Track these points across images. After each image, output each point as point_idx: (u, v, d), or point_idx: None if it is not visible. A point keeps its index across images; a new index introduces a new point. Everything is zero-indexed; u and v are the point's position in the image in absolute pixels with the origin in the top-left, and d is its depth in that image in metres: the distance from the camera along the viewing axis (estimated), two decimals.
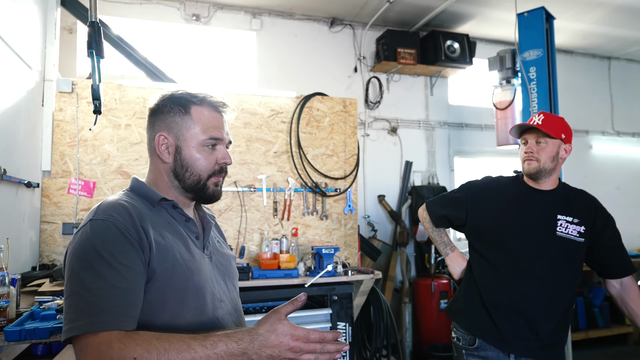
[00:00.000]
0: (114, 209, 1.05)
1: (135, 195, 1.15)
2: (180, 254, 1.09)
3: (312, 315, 3.15)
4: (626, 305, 1.90)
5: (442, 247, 2.18)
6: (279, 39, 4.65)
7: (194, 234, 1.19)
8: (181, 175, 1.16)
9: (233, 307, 1.20)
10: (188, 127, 1.16)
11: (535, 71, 3.68)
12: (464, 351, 1.95)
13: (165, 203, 1.16)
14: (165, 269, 1.04)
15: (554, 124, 1.86)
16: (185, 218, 1.18)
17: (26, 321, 1.76)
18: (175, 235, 1.12)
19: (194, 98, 1.19)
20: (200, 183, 1.16)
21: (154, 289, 1.02)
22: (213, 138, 1.16)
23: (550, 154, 1.86)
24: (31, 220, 2.89)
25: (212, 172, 1.17)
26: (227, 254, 1.32)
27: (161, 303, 1.03)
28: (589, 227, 1.86)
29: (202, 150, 1.16)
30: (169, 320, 1.03)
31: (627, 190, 5.98)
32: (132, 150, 3.28)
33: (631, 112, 6.19)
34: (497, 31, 5.19)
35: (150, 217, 1.09)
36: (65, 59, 3.79)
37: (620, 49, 5.88)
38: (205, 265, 1.16)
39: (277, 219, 3.58)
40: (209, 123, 1.17)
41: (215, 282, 1.17)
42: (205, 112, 1.17)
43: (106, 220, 1.02)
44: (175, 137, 1.17)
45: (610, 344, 5.00)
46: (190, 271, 1.08)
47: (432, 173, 5.14)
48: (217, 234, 1.37)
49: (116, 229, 1.00)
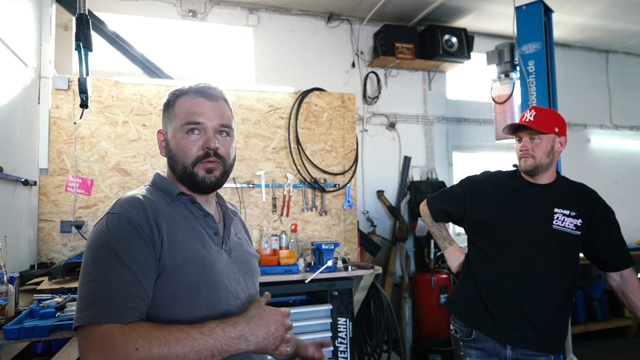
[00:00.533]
0: (129, 203, 1.07)
1: (155, 190, 1.17)
2: (194, 250, 1.09)
3: (313, 311, 3.14)
4: (627, 297, 1.90)
5: (441, 241, 2.22)
6: (276, 35, 4.63)
7: (212, 229, 1.18)
8: (173, 166, 1.17)
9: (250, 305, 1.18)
10: (172, 118, 1.18)
11: (533, 65, 3.67)
12: (461, 343, 1.98)
13: (184, 198, 1.17)
14: (176, 263, 1.04)
15: (546, 119, 1.87)
16: (204, 213, 1.18)
17: (25, 319, 1.75)
18: (190, 230, 1.12)
19: (182, 89, 1.20)
20: (187, 171, 1.15)
21: (164, 284, 1.03)
22: (190, 123, 1.14)
23: (545, 150, 1.87)
24: (29, 219, 2.87)
25: (196, 158, 1.14)
26: (248, 251, 1.30)
27: (172, 298, 1.04)
28: (586, 220, 1.87)
29: (184, 138, 1.15)
30: (179, 315, 1.03)
31: (626, 183, 5.99)
32: (129, 147, 3.26)
33: (629, 105, 6.19)
34: (495, 25, 5.17)
35: (166, 212, 1.10)
36: (61, 56, 3.76)
37: (618, 42, 5.88)
38: (222, 261, 1.15)
39: (277, 215, 3.57)
40: (189, 109, 1.15)
41: (233, 278, 1.16)
42: (188, 100, 1.17)
43: (121, 214, 1.04)
44: (166, 131, 1.20)
45: (609, 337, 5.02)
46: (203, 267, 1.08)
47: (430, 168, 5.14)
48: (241, 230, 1.36)
49: (129, 224, 1.02)
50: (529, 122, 1.87)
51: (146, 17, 4.23)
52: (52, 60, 3.14)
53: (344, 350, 3.14)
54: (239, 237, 1.31)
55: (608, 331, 5.04)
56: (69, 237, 3.08)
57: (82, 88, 2.16)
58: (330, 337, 3.12)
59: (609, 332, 5.05)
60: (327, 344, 1.32)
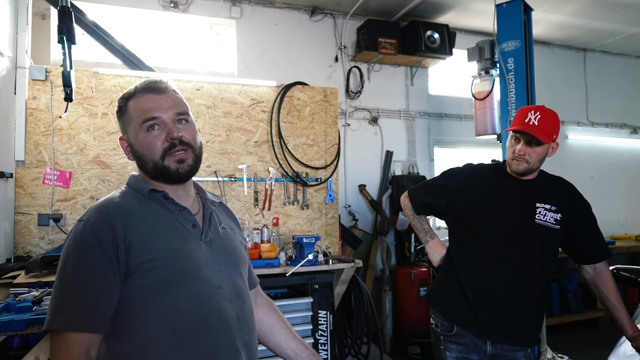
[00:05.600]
0: (97, 209, 1.11)
1: (130, 190, 1.20)
2: (168, 245, 1.11)
3: (294, 304, 3.17)
4: (599, 289, 1.95)
5: (423, 234, 2.18)
6: (259, 28, 4.60)
7: (189, 222, 1.19)
8: (144, 166, 1.19)
9: (235, 294, 1.19)
10: (129, 122, 1.20)
11: (513, 62, 3.73)
12: (441, 337, 1.97)
13: (157, 194, 1.18)
14: (148, 260, 1.07)
15: (549, 125, 1.82)
16: (179, 208, 1.19)
17: (1, 313, 1.73)
18: (164, 226, 1.14)
19: (129, 92, 1.21)
20: (158, 166, 1.16)
21: (137, 280, 1.06)
22: (146, 119, 1.16)
23: (540, 156, 1.86)
24: (5, 212, 2.82)
25: (163, 151, 1.15)
26: (234, 239, 1.31)
27: (151, 295, 1.07)
28: (565, 214, 1.89)
29: (145, 135, 1.16)
30: (165, 311, 1.07)
31: (601, 179, 6.14)
32: (109, 139, 3.22)
33: (605, 102, 6.34)
34: (476, 22, 5.23)
35: (138, 212, 1.13)
36: (39, 46, 3.68)
37: (596, 41, 6.00)
38: (200, 253, 1.16)
39: (258, 209, 3.57)
40: (142, 107, 1.17)
41: (214, 268, 1.17)
42: (138, 100, 1.19)
43: (87, 221, 1.08)
44: (127, 136, 1.21)
45: (582, 328, 5.16)
46: (178, 260, 1.10)
47: (412, 163, 5.19)
48: (226, 220, 1.36)
49: (92, 231, 1.06)
50: (533, 128, 1.81)
51: (126, 7, 4.16)
52: (29, 50, 3.08)
53: (325, 343, 3.18)
54: (224, 226, 1.30)
55: (581, 322, 5.19)
56: (47, 230, 3.04)
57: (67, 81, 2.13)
58: (311, 329, 3.15)
59: (582, 324, 5.19)
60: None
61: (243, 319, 1.18)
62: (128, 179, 1.24)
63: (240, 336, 1.15)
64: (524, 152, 1.84)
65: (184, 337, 1.06)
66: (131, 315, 1.05)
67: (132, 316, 1.05)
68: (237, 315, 1.16)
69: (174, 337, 1.05)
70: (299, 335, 1.44)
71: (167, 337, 1.05)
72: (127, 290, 1.05)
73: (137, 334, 1.05)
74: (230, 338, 1.12)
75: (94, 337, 1.02)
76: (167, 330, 1.05)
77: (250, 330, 1.21)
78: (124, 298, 1.05)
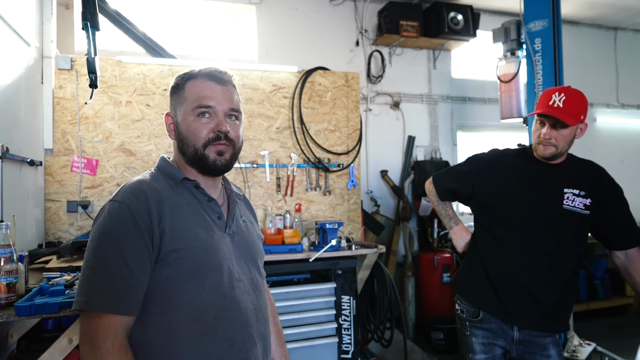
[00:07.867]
0: (132, 191, 1.10)
1: (160, 174, 1.19)
2: (197, 235, 1.11)
3: (317, 289, 3.18)
4: (630, 276, 1.90)
5: (447, 220, 2.18)
6: (279, 13, 4.57)
7: (216, 214, 1.20)
8: (183, 149, 1.19)
9: (252, 287, 1.22)
10: (182, 101, 1.19)
11: (540, 42, 3.62)
12: (467, 323, 1.96)
13: (189, 183, 1.18)
14: (179, 248, 1.08)
15: (575, 106, 1.76)
16: (207, 198, 1.20)
17: (35, 297, 1.78)
18: (193, 216, 1.15)
19: (191, 73, 1.21)
20: (198, 153, 1.16)
21: (167, 268, 1.07)
22: (201, 106, 1.16)
23: (568, 139, 1.80)
24: (35, 199, 2.89)
25: (207, 140, 1.16)
26: (253, 233, 1.32)
27: (178, 283, 1.07)
28: (595, 199, 1.83)
29: (195, 121, 1.16)
30: (189, 300, 1.07)
31: (630, 162, 5.96)
32: (133, 127, 3.26)
33: (637, 83, 6.11)
34: (501, 2, 5.08)
35: (170, 198, 1.13)
36: (63, 36, 3.74)
37: (627, 19, 5.76)
38: (225, 245, 1.17)
39: (281, 195, 3.58)
40: (199, 93, 1.17)
41: (235, 262, 1.19)
42: (198, 84, 1.18)
43: (122, 202, 1.07)
44: (175, 114, 1.21)
45: (610, 315, 5.07)
46: (206, 251, 1.11)
47: (434, 148, 5.12)
48: (246, 212, 1.37)
49: (129, 213, 1.05)
50: (558, 110, 1.75)
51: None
52: (54, 39, 3.12)
53: (348, 328, 3.19)
54: (244, 219, 1.32)
55: (609, 309, 5.09)
56: (76, 217, 3.11)
57: (91, 68, 2.15)
58: (334, 314, 3.17)
59: (610, 311, 5.09)
60: None
61: (260, 311, 1.21)
62: (158, 162, 1.24)
63: (257, 328, 1.17)
64: (550, 136, 1.80)
65: (207, 327, 1.07)
66: (155, 301, 1.06)
67: (156, 302, 1.06)
68: (254, 308, 1.18)
69: (196, 326, 1.07)
70: (284, 340, 1.46)
71: (189, 326, 1.06)
72: (154, 276, 1.06)
73: (160, 321, 1.06)
74: (249, 330, 1.14)
75: (131, 320, 1.03)
76: (189, 319, 1.06)
77: (266, 322, 1.24)
78: (151, 284, 1.06)
